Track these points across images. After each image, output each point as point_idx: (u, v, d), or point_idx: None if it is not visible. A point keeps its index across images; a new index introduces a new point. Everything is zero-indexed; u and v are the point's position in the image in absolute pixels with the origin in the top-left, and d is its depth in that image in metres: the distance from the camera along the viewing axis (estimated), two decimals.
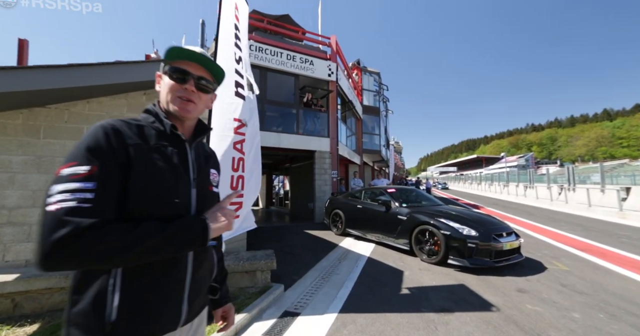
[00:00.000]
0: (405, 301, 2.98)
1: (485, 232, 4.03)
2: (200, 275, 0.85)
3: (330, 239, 6.06)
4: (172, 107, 0.83)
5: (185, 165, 0.84)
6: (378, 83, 16.42)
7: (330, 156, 9.13)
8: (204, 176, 0.91)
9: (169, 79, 0.83)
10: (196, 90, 0.85)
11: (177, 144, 0.84)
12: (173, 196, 0.77)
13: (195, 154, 0.90)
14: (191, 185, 0.84)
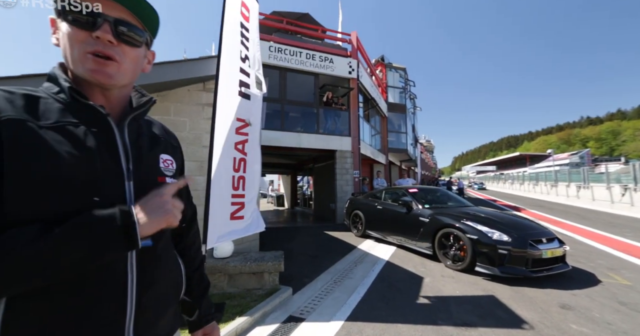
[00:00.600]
0: (421, 312, 2.69)
1: (519, 237, 3.54)
2: (154, 292, 0.62)
3: (349, 241, 5.84)
4: (81, 69, 0.57)
5: (113, 149, 0.59)
6: (404, 79, 15.74)
7: (351, 155, 8.89)
8: (149, 163, 0.67)
9: (67, 24, 0.55)
10: (116, 41, 0.58)
11: (94, 121, 0.58)
12: (88, 193, 0.53)
13: (133, 135, 0.65)
14: (124, 176, 0.59)
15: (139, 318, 0.59)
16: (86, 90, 0.60)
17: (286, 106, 8.51)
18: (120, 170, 0.60)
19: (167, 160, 0.72)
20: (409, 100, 17.05)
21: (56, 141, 0.52)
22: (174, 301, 0.72)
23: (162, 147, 0.74)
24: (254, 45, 3.36)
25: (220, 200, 2.73)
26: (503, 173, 46.74)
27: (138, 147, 0.65)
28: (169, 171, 0.71)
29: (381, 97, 13.08)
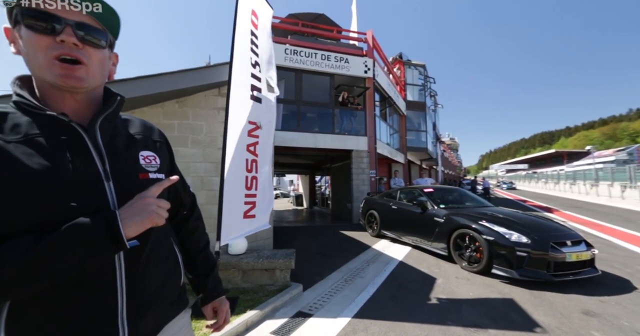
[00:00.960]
0: (430, 312, 2.66)
1: (540, 239, 3.36)
2: (147, 284, 0.66)
3: (364, 240, 5.83)
4: (50, 76, 0.57)
5: (85, 153, 0.61)
6: (423, 76, 15.31)
7: (368, 155, 8.83)
8: (128, 162, 0.67)
9: (29, 32, 0.56)
10: (81, 44, 0.58)
11: (62, 129, 0.59)
12: (63, 199, 0.55)
13: (107, 136, 0.66)
14: (102, 177, 0.61)
15: (132, 311, 0.62)
16: (55, 96, 0.61)
17: (302, 107, 8.65)
18: (97, 172, 0.60)
19: (149, 156, 0.72)
20: (429, 98, 16.54)
21: (26, 154, 0.54)
22: (170, 291, 0.74)
23: (142, 144, 0.73)
24: (265, 50, 3.49)
25: (234, 199, 2.88)
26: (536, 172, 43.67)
27: (113, 147, 0.66)
28: (151, 167, 0.71)
29: (399, 95, 12.84)
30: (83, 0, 0.58)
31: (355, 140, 8.82)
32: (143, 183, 0.67)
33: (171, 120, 3.63)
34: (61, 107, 0.62)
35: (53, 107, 0.61)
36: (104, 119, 0.66)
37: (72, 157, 0.58)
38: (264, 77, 3.41)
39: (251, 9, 3.32)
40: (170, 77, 3.42)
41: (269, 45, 3.57)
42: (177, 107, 3.70)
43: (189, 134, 3.64)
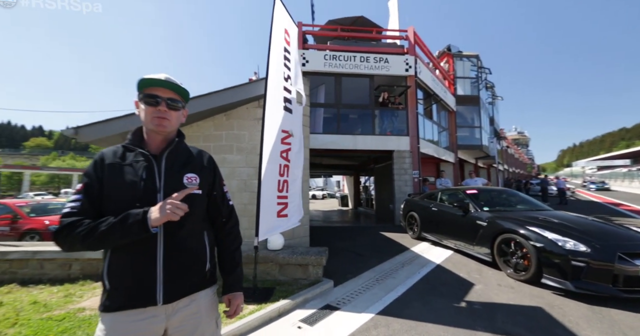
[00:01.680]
0: (458, 316, 2.60)
1: (604, 248, 2.93)
2: (177, 260, 1.00)
3: (403, 242, 5.73)
4: (151, 126, 1.04)
5: (151, 173, 1.01)
6: (477, 67, 14.01)
7: (410, 155, 8.57)
8: (175, 181, 1.04)
9: (144, 104, 1.03)
10: (168, 110, 1.04)
11: (146, 157, 1.03)
12: (134, 200, 0.96)
13: (168, 162, 1.05)
14: (157, 190, 0.99)
15: (167, 271, 0.98)
16: (152, 136, 1.07)
17: (342, 109, 8.85)
18: (155, 186, 1.01)
19: (191, 177, 1.08)
20: (485, 90, 15.03)
21: (124, 172, 1.00)
22: (197, 271, 1.07)
23: (189, 168, 1.09)
24: (294, 63, 3.81)
25: (269, 200, 3.26)
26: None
27: (169, 170, 1.05)
28: (192, 184, 1.06)
29: (447, 90, 12.04)
30: (170, 86, 1.05)
31: (397, 141, 8.64)
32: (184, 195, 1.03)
33: (220, 130, 4.23)
34: (153, 142, 1.08)
35: (148, 142, 1.08)
36: (169, 152, 1.08)
37: (144, 176, 1.01)
38: (294, 89, 3.74)
39: (284, 28, 3.70)
40: (219, 94, 4.01)
41: (297, 59, 3.89)
42: (224, 119, 4.29)
43: (234, 143, 4.19)
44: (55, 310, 2.81)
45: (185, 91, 1.09)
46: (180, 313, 1.01)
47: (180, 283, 1.01)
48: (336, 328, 2.43)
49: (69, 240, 0.90)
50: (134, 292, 0.95)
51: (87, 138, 3.68)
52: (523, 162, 43.46)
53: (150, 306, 0.95)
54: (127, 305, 0.94)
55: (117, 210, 0.93)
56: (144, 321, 0.95)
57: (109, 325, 0.94)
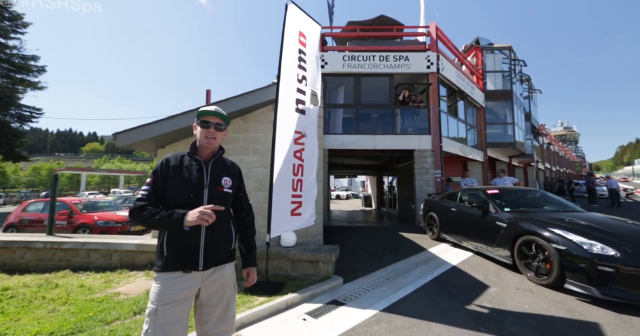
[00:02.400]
0: (465, 317, 2.55)
1: (635, 252, 2.69)
2: (213, 240, 1.40)
3: (421, 243, 5.62)
4: (203, 143, 1.48)
5: (201, 174, 1.43)
6: (509, 60, 13.12)
7: (432, 154, 8.31)
8: (216, 181, 1.46)
9: (200, 127, 1.48)
10: (215, 131, 1.48)
11: (199, 163, 1.46)
12: (189, 192, 1.39)
13: (213, 168, 1.48)
14: (204, 186, 1.42)
15: (206, 247, 1.38)
16: (202, 149, 1.50)
17: (361, 109, 8.84)
18: (203, 183, 1.43)
19: (226, 179, 1.51)
20: (519, 84, 14.01)
21: (183, 171, 1.43)
22: (227, 245, 1.48)
23: (225, 173, 1.53)
24: (311, 65, 3.92)
25: (283, 199, 3.42)
26: None
27: (214, 174, 1.47)
28: (226, 185, 1.49)
29: (475, 86, 11.45)
30: (218, 115, 1.50)
31: (418, 139, 8.44)
32: (219, 193, 1.46)
33: (237, 133, 4.52)
34: (203, 153, 1.51)
35: (200, 153, 1.50)
36: (214, 160, 1.51)
37: (197, 176, 1.43)
38: (309, 89, 3.85)
39: (298, 30, 3.84)
40: (238, 99, 4.28)
41: (317, 60, 3.99)
42: (242, 122, 4.57)
43: (250, 144, 4.45)
44: (97, 293, 3.24)
45: (227, 118, 1.54)
46: (211, 277, 1.40)
47: (214, 256, 1.41)
48: (339, 322, 2.52)
49: (137, 217, 1.32)
50: (185, 259, 1.34)
51: (124, 143, 4.16)
52: (571, 160, 39.50)
53: (194, 270, 1.35)
54: (180, 267, 1.33)
55: (177, 196, 1.37)
56: (188, 281, 1.34)
57: (164, 281, 1.31)
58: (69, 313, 2.66)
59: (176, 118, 4.00)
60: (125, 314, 2.60)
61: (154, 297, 1.30)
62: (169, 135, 4.26)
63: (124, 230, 7.11)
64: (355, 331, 2.35)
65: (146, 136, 4.02)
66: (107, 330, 2.32)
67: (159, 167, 1.41)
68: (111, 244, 4.41)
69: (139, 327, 2.35)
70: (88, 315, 2.59)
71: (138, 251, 4.30)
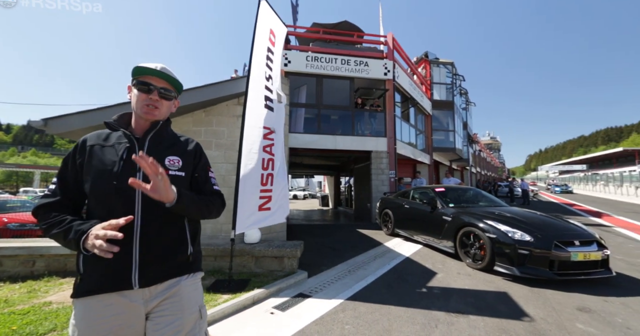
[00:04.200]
0: (418, 299, 2.85)
1: (544, 237, 3.32)
2: (154, 246, 0.98)
3: (377, 238, 6.01)
4: (139, 112, 1.06)
5: (131, 154, 0.99)
6: (452, 74, 14.79)
7: (387, 156, 8.93)
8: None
9: (137, 91, 1.05)
10: (159, 98, 1.06)
11: (129, 139, 1.05)
12: (111, 179, 0.97)
13: (151, 144, 1.08)
14: (137, 169, 1.00)
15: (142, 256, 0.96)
16: (138, 121, 1.09)
17: (323, 110, 9.05)
18: (134, 166, 1.00)
19: (173, 159, 1.09)
20: (459, 96, 15.88)
21: (105, 152, 1.02)
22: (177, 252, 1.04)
23: (171, 151, 1.11)
24: (277, 64, 3.93)
25: (250, 194, 3.35)
26: (597, 174, 38.52)
27: (150, 152, 1.02)
28: (173, 167, 1.08)
29: (424, 95, 12.63)
30: (165, 77, 1.08)
31: (375, 141, 8.98)
32: None
33: (199, 126, 4.28)
34: (139, 126, 1.10)
35: (134, 127, 1.10)
36: (153, 134, 1.10)
37: (125, 156, 1.02)
38: (275, 89, 3.85)
39: (269, 28, 3.80)
40: (200, 90, 4.05)
41: (280, 60, 4.01)
42: (203, 115, 4.33)
43: (212, 139, 4.24)
44: (19, 305, 2.75)
45: (179, 83, 1.12)
46: (159, 298, 0.98)
47: (157, 267, 0.99)
48: (307, 313, 2.59)
49: (39, 222, 0.96)
50: (109, 276, 0.92)
51: (57, 130, 3.60)
52: (495, 165, 45.91)
53: (125, 289, 0.93)
54: (101, 288, 0.91)
55: (96, 189, 0.97)
56: (119, 305, 0.92)
57: (82, 311, 0.91)
58: None
59: (126, 106, 3.62)
60: (64, 323, 2.28)
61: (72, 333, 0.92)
62: None
63: None
64: (323, 319, 2.45)
65: (88, 124, 3.55)
66: None
67: (72, 152, 1.02)
68: (34, 248, 3.77)
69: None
70: (10, 329, 2.20)
71: (72, 255, 3.74)
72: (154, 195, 0.90)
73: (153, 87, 1.05)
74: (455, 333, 2.19)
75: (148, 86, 1.04)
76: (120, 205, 0.96)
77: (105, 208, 0.96)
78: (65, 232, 0.90)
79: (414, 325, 2.34)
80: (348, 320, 2.43)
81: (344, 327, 2.31)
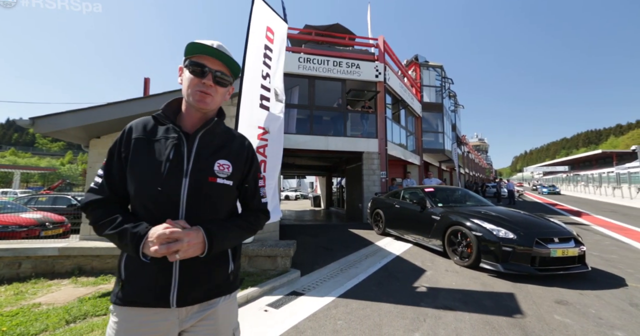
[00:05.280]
0: (408, 296, 2.96)
1: (526, 235, 3.49)
2: (194, 263, 0.84)
3: (369, 238, 6.11)
4: (191, 99, 0.89)
5: (180, 155, 0.87)
6: (441, 77, 15.15)
7: (378, 157, 9.07)
8: (204, 166, 0.89)
9: (189, 73, 0.89)
10: (214, 84, 0.89)
11: (178, 135, 0.89)
12: (155, 184, 0.83)
13: (201, 143, 0.91)
14: (183, 174, 0.86)
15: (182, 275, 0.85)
16: (189, 111, 0.93)
17: (315, 111, 9.13)
18: (181, 169, 0.86)
19: (223, 164, 0.92)
20: (448, 99, 16.28)
21: (149, 150, 0.87)
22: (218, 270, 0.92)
23: (224, 154, 0.93)
24: (276, 63, 3.93)
25: None
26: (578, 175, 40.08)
27: (200, 154, 0.89)
28: (222, 173, 0.91)
29: (414, 97, 12.88)
30: (222, 57, 0.92)
31: (366, 143, 9.11)
32: (209, 185, 0.89)
33: None
34: (189, 119, 0.94)
35: (185, 118, 0.94)
36: (205, 132, 0.93)
37: (172, 156, 0.87)
38: (273, 87, 3.88)
39: (266, 25, 3.81)
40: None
41: (281, 58, 4.00)
42: None
43: None
44: (7, 306, 2.71)
45: (237, 66, 0.95)
46: (194, 319, 0.89)
47: (197, 288, 0.88)
48: (300, 310, 2.65)
49: (89, 220, 0.87)
50: (148, 290, 0.85)
51: (45, 130, 3.55)
52: (482, 166, 47.11)
53: (163, 307, 0.85)
54: (140, 302, 0.85)
55: (140, 192, 0.86)
56: (156, 322, 0.85)
57: (123, 319, 0.85)
58: None
59: (121, 105, 3.61)
60: (55, 324, 2.27)
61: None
62: (106, 124, 3.79)
63: (31, 236, 5.92)
64: (316, 316, 2.52)
65: (77, 123, 3.51)
66: None
67: (117, 142, 0.90)
68: (20, 250, 3.71)
69: (77, 335, 2.09)
70: (0, 331, 2.17)
71: (61, 256, 3.70)
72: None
73: (208, 70, 0.89)
74: (442, 327, 2.30)
75: (202, 68, 0.88)
76: (161, 213, 0.83)
77: (148, 214, 0.85)
78: (120, 234, 0.80)
79: (404, 319, 2.43)
80: (340, 316, 2.50)
81: (336, 323, 2.38)
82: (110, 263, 3.72)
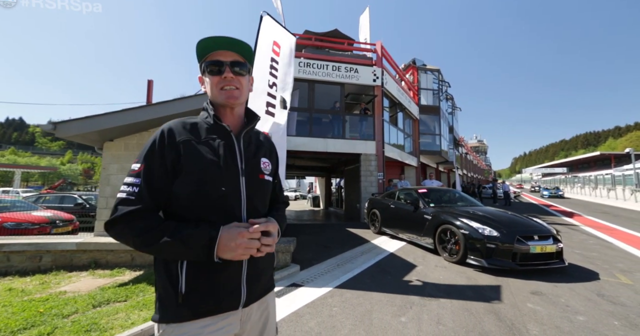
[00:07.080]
0: (397, 287, 3.25)
1: (508, 233, 3.79)
2: (258, 265, 0.87)
3: (365, 236, 6.40)
4: (220, 99, 0.88)
5: (233, 155, 0.86)
6: (438, 80, 15.47)
7: (376, 158, 9.37)
8: (253, 165, 0.91)
9: (209, 75, 0.88)
10: (234, 76, 0.87)
11: (224, 136, 0.87)
12: (219, 184, 0.82)
13: (245, 144, 0.91)
14: (240, 173, 0.86)
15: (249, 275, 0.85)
16: (221, 111, 0.90)
17: (314, 114, 9.42)
18: (237, 169, 0.86)
19: (265, 162, 0.96)
20: (445, 101, 16.59)
21: (204, 151, 0.83)
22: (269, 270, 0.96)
23: (263, 152, 0.97)
24: (283, 74, 4.24)
25: None
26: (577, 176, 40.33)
27: (248, 152, 0.91)
28: (267, 170, 0.95)
29: (411, 100, 13.19)
30: (232, 47, 0.89)
31: (364, 144, 9.41)
32: (260, 181, 0.92)
33: None
34: (226, 119, 0.91)
35: (223, 120, 0.91)
36: (246, 132, 0.93)
37: (225, 156, 0.85)
38: (279, 95, 4.18)
39: (273, 40, 4.13)
40: (195, 99, 4.35)
41: (290, 68, 4.31)
42: None
43: None
44: (36, 294, 2.99)
45: (249, 48, 0.92)
46: (251, 319, 0.89)
47: (259, 284, 0.90)
48: (299, 299, 2.94)
49: (124, 234, 0.75)
50: (219, 294, 0.80)
51: (65, 134, 3.83)
52: (481, 167, 47.45)
53: (232, 310, 0.83)
54: (209, 310, 0.79)
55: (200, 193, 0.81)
56: (222, 329, 0.81)
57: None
58: (10, 313, 2.48)
59: (135, 112, 3.90)
60: (84, 307, 2.56)
61: None
62: (120, 128, 4.08)
63: (42, 233, 6.20)
64: (314, 303, 2.80)
65: (96, 128, 3.80)
66: (67, 321, 2.29)
67: (156, 143, 0.82)
68: (41, 244, 3.99)
69: (105, 316, 2.38)
70: (38, 312, 2.47)
71: (79, 250, 3.98)
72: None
73: (223, 63, 0.87)
74: (426, 312, 2.59)
75: (218, 65, 0.87)
76: (223, 213, 0.82)
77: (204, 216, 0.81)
78: (183, 240, 0.73)
79: (392, 306, 2.72)
80: (335, 304, 2.79)
81: (332, 309, 2.67)
82: (124, 258, 4.01)
